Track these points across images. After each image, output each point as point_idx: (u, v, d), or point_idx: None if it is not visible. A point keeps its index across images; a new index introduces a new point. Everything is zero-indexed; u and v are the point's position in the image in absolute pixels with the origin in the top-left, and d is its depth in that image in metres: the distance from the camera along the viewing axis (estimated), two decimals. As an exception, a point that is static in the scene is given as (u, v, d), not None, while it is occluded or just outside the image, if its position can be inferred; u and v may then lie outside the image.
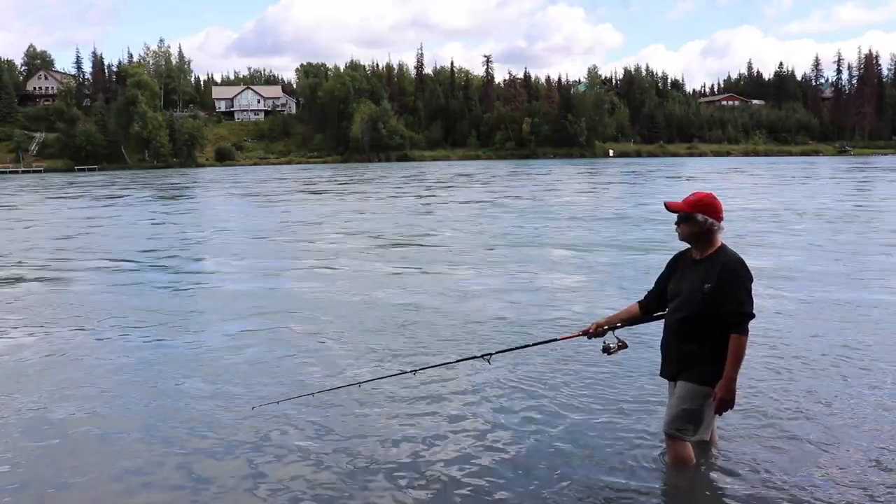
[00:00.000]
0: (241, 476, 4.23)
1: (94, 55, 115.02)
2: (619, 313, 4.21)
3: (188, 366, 6.45)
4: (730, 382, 3.68)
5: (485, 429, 4.83)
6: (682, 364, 3.85)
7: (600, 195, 30.48)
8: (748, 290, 3.67)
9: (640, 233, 16.31)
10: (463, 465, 4.30)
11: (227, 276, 11.55)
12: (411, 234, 16.87)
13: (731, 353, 3.65)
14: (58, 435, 4.89)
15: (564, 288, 9.84)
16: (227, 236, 17.41)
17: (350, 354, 6.65)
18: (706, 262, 3.78)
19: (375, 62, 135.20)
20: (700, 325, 3.73)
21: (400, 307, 8.63)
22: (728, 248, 3.81)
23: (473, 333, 7.30)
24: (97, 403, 5.48)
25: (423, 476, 4.17)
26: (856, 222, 17.75)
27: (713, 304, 3.67)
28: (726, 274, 3.66)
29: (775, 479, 4.03)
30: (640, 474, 4.12)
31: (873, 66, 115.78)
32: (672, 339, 3.91)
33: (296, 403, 5.14)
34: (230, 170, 79.68)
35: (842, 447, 4.42)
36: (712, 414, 3.84)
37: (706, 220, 3.75)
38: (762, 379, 5.65)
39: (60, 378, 6.12)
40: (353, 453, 4.47)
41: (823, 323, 7.59)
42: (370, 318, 8.07)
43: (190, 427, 4.96)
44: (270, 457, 4.46)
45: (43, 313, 8.74)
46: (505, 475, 4.16)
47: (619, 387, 5.55)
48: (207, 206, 29.25)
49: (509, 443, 4.60)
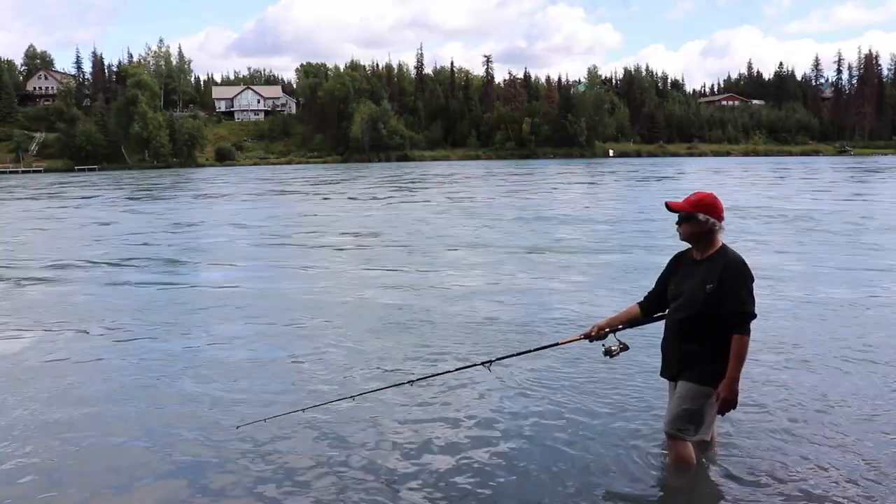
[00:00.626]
0: (242, 480, 4.21)
1: (94, 55, 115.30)
2: (620, 315, 4.19)
3: (187, 368, 6.44)
4: (733, 383, 3.68)
5: (482, 431, 4.82)
6: (682, 364, 3.85)
7: (599, 197, 30.48)
8: (749, 290, 3.67)
9: (636, 233, 16.31)
10: (461, 468, 4.29)
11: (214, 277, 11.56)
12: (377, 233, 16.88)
13: (734, 354, 3.64)
14: (57, 437, 4.88)
15: (559, 290, 9.84)
16: (200, 239, 17.41)
17: (349, 360, 6.65)
18: (707, 262, 3.78)
19: (375, 62, 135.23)
20: (701, 325, 3.72)
21: (392, 308, 8.63)
22: (729, 248, 3.80)
23: (475, 334, 7.30)
24: (98, 405, 5.48)
25: (420, 478, 4.16)
26: (855, 221, 17.74)
27: (715, 304, 3.66)
28: (728, 274, 3.66)
29: (776, 479, 4.03)
30: (641, 475, 4.11)
31: (873, 66, 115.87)
32: (673, 340, 3.91)
33: (295, 408, 5.13)
34: (223, 170, 79.44)
35: (843, 447, 4.41)
36: (713, 414, 3.84)
37: (707, 219, 3.74)
38: (763, 378, 5.64)
39: (60, 381, 6.11)
40: (350, 457, 4.46)
41: (824, 322, 7.59)
42: (367, 320, 8.07)
43: (189, 431, 4.96)
44: (271, 458, 4.46)
45: (42, 315, 8.73)
46: (504, 477, 4.15)
47: (620, 387, 5.54)
48: (181, 208, 29.24)
49: (508, 444, 4.59)
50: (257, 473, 4.26)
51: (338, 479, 4.16)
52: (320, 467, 4.31)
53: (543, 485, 4.05)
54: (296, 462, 4.40)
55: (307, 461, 4.40)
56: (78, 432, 4.93)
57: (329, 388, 5.64)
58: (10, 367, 6.49)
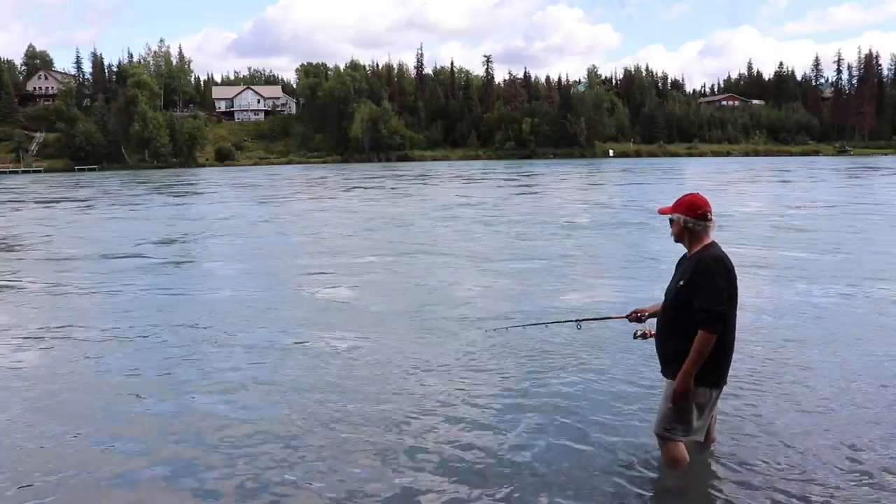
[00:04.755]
0: (242, 486, 4.23)
1: (93, 55, 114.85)
2: (655, 304, 4.30)
3: (190, 372, 6.46)
4: (685, 377, 3.68)
5: (478, 428, 4.84)
6: (666, 362, 3.90)
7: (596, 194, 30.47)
8: (719, 286, 3.64)
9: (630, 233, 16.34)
10: (457, 464, 4.30)
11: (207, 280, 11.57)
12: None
13: (693, 348, 3.63)
14: (55, 440, 4.90)
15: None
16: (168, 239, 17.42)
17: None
18: (691, 259, 3.85)
19: (375, 62, 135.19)
20: (679, 321, 3.76)
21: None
22: (714, 246, 3.81)
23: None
24: (97, 408, 5.50)
25: (417, 471, 4.18)
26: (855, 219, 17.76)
27: (686, 299, 3.70)
28: (700, 268, 3.69)
29: (773, 479, 4.04)
30: (636, 475, 4.12)
31: (873, 66, 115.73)
32: (658, 337, 3.99)
33: (297, 412, 5.15)
34: (216, 170, 79.27)
35: (841, 447, 4.43)
36: (705, 413, 3.87)
37: (680, 218, 3.84)
38: (760, 378, 5.66)
39: (59, 385, 6.13)
40: (346, 459, 4.48)
41: (824, 322, 7.59)
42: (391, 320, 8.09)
43: (187, 436, 4.97)
44: (270, 461, 4.48)
45: (42, 316, 8.75)
46: (500, 476, 4.16)
47: (619, 386, 5.57)
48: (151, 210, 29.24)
49: (504, 442, 4.60)
50: (259, 472, 4.28)
51: (338, 480, 4.18)
52: (323, 468, 4.33)
53: (538, 481, 4.06)
54: (293, 469, 4.41)
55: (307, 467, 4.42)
56: (78, 434, 4.94)
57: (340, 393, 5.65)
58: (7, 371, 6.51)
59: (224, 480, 4.20)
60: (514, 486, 4.03)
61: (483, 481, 4.10)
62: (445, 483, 4.10)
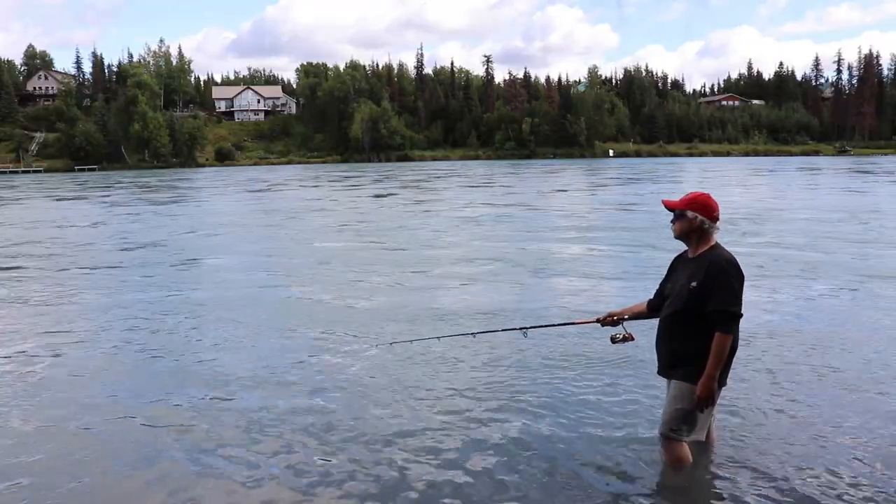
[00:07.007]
0: (242, 490, 4.21)
1: (93, 55, 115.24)
2: (631, 307, 4.27)
3: (189, 376, 6.44)
4: (709, 380, 3.66)
5: (477, 427, 4.81)
6: (672, 363, 3.86)
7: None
8: (734, 288, 3.65)
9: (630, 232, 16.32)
10: (456, 465, 4.28)
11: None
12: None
13: (713, 351, 3.63)
14: (55, 441, 4.88)
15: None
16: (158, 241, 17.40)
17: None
18: (698, 259, 3.80)
19: (375, 62, 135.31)
20: (687, 322, 3.73)
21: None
22: (721, 247, 3.81)
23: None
24: (98, 409, 5.48)
25: (408, 475, 4.15)
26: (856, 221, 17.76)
27: (699, 301, 3.67)
28: (713, 271, 3.66)
29: (774, 479, 4.02)
30: (638, 475, 4.10)
31: (873, 66, 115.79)
32: (662, 338, 3.94)
33: (297, 413, 5.13)
34: (212, 171, 79.27)
35: (842, 447, 4.41)
36: (708, 413, 3.84)
37: (696, 217, 3.78)
38: (760, 378, 5.64)
39: (59, 388, 6.11)
40: (344, 459, 4.46)
41: (824, 321, 7.58)
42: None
43: (187, 438, 4.96)
44: (269, 458, 4.47)
45: (42, 318, 8.74)
46: (499, 476, 4.13)
47: (619, 386, 5.54)
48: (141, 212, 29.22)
49: (503, 442, 4.57)
50: (259, 473, 4.26)
51: (337, 481, 4.16)
52: (324, 470, 4.32)
53: (537, 481, 4.04)
54: (295, 473, 4.41)
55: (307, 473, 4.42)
56: (78, 436, 4.93)
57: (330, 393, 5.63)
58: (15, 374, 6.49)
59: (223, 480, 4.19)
60: (510, 487, 4.00)
61: (479, 479, 4.07)
62: (452, 472, 4.08)
